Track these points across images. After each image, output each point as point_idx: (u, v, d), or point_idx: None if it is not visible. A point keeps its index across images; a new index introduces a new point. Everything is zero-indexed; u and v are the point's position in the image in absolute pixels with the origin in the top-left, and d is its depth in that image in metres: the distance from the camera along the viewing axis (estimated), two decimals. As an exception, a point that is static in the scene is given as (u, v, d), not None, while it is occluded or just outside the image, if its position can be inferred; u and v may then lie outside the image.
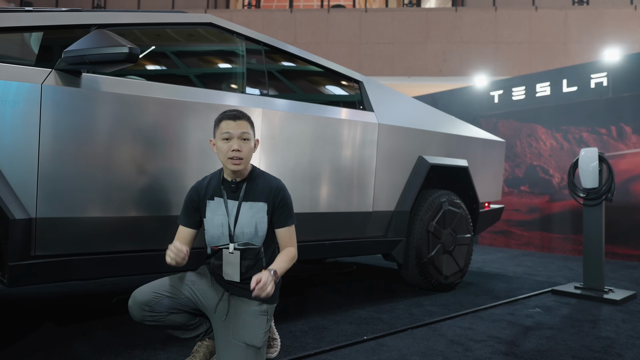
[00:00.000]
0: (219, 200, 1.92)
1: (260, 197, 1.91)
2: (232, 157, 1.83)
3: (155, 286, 1.84)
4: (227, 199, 1.91)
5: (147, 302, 1.80)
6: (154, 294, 1.81)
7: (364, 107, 3.21)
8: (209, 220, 1.92)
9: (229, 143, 1.84)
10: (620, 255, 5.56)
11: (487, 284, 4.02)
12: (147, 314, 1.81)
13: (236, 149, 1.83)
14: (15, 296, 3.10)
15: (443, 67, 12.20)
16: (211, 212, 1.91)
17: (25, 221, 1.83)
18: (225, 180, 1.94)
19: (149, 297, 1.80)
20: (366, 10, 12.62)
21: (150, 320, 1.82)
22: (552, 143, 6.39)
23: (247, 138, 1.87)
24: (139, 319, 1.82)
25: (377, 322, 2.75)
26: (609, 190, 3.57)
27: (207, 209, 1.92)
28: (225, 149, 1.84)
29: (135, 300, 1.80)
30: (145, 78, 2.26)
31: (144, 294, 1.81)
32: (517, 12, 12.13)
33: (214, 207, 1.91)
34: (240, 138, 1.85)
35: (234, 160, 1.83)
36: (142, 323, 1.83)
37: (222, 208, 1.91)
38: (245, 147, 1.85)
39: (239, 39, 2.68)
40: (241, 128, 1.86)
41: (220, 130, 1.87)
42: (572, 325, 2.80)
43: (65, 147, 1.94)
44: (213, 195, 1.93)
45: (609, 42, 11.22)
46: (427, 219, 3.44)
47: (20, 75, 1.86)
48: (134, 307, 1.81)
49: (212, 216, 1.91)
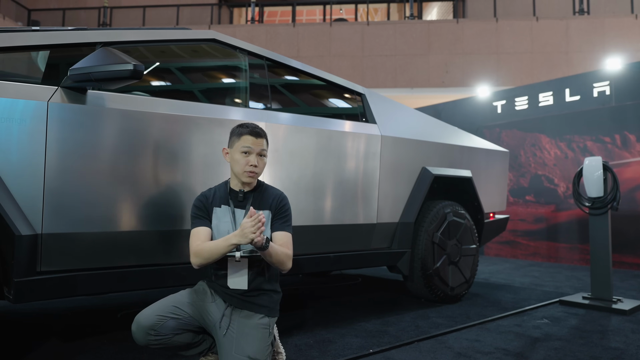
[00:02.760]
0: (225, 208, 1.95)
1: (265, 206, 1.96)
2: (249, 170, 1.90)
3: (158, 309, 1.83)
4: (234, 208, 1.94)
5: (152, 326, 1.78)
6: (159, 317, 1.80)
7: (366, 119, 3.22)
8: (214, 227, 1.94)
9: (248, 157, 1.91)
10: (628, 265, 5.50)
11: (494, 295, 3.99)
12: (153, 338, 1.79)
13: (254, 164, 1.91)
14: (21, 312, 3.10)
15: (445, 78, 12.25)
16: (217, 220, 1.94)
17: (31, 237, 1.84)
18: (232, 190, 1.98)
19: (153, 320, 1.79)
20: (368, 24, 12.74)
21: (155, 344, 1.81)
22: (556, 152, 6.38)
23: (264, 155, 1.96)
24: (144, 343, 1.80)
25: (383, 334, 2.73)
26: (615, 199, 3.55)
27: (214, 216, 1.95)
28: (243, 162, 1.91)
29: (140, 325, 1.78)
30: (150, 94, 2.29)
31: (148, 318, 1.79)
32: (518, 22, 12.20)
33: (221, 214, 1.94)
34: (258, 154, 1.93)
35: (250, 173, 1.91)
36: (147, 347, 1.82)
37: (228, 216, 1.93)
38: (261, 162, 1.95)
39: (242, 54, 2.71)
40: (261, 145, 1.94)
41: (241, 143, 1.92)
42: (581, 336, 2.77)
43: (71, 163, 1.96)
44: (220, 203, 1.96)
45: (610, 51, 11.24)
46: (432, 230, 3.44)
47: (27, 93, 1.89)
48: (138, 332, 1.79)
49: (218, 223, 1.93)
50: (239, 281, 1.89)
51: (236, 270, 1.89)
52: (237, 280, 1.89)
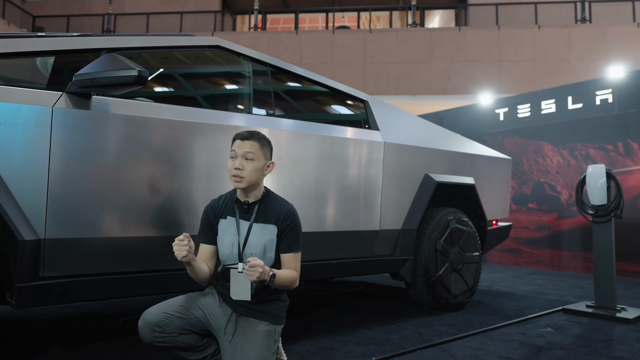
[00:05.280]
0: (231, 219, 1.94)
1: (271, 219, 1.93)
2: (234, 174, 1.88)
3: (166, 307, 1.84)
4: (239, 219, 1.94)
5: (158, 323, 1.79)
6: (165, 315, 1.81)
7: (369, 126, 3.23)
8: (220, 238, 1.94)
9: (233, 161, 1.90)
10: (632, 273, 5.47)
11: (497, 303, 3.97)
12: (158, 335, 1.80)
13: (237, 167, 1.87)
14: (23, 317, 3.09)
15: (447, 85, 12.28)
16: (222, 231, 1.94)
17: (34, 242, 1.84)
18: (238, 200, 1.97)
19: (159, 317, 1.80)
20: (370, 31, 12.80)
21: (160, 341, 1.82)
22: (559, 160, 6.37)
23: (251, 158, 1.89)
24: (149, 340, 1.81)
25: (386, 342, 2.72)
26: (618, 207, 3.53)
27: (219, 227, 1.95)
28: (229, 166, 1.91)
29: (146, 321, 1.80)
30: (154, 100, 2.30)
31: (154, 314, 1.81)
32: (521, 30, 12.25)
33: (226, 226, 1.94)
34: (243, 157, 1.89)
35: (235, 177, 1.88)
36: (152, 344, 1.83)
37: (233, 227, 1.93)
38: (247, 166, 1.88)
39: (246, 60, 2.72)
40: (245, 147, 1.90)
41: (231, 149, 1.94)
42: (585, 345, 2.75)
43: (74, 168, 1.97)
44: (226, 214, 1.96)
45: (612, 59, 11.27)
46: (435, 237, 3.42)
47: (32, 98, 1.90)
48: (144, 328, 1.80)
49: (223, 235, 1.93)
50: (241, 293, 1.85)
51: (239, 282, 1.85)
52: (240, 291, 1.85)
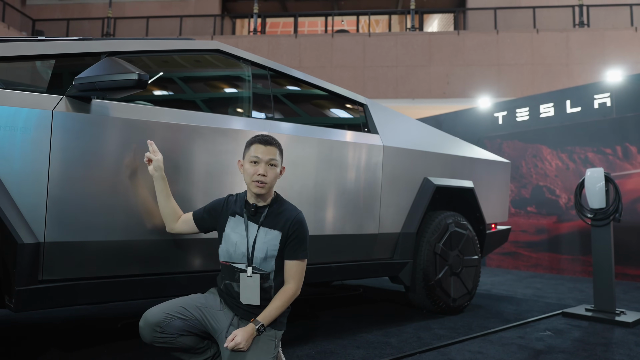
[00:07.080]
0: (239, 219, 1.96)
1: (277, 225, 1.94)
2: (257, 180, 1.89)
3: (167, 307, 1.85)
4: (247, 220, 1.95)
5: (159, 323, 1.80)
6: (166, 315, 1.82)
7: (368, 129, 3.23)
8: (226, 235, 1.96)
9: (256, 167, 1.90)
10: (631, 276, 5.47)
11: (496, 306, 3.96)
12: (158, 335, 1.81)
13: (262, 173, 1.89)
14: (22, 321, 3.08)
15: (446, 89, 12.31)
16: (230, 229, 1.96)
17: (33, 245, 1.84)
18: (247, 202, 1.98)
19: (160, 317, 1.81)
20: (369, 35, 12.84)
21: (160, 342, 1.82)
22: (557, 163, 6.39)
23: (274, 164, 1.93)
24: (150, 340, 1.82)
25: (385, 346, 2.71)
26: (617, 210, 3.54)
27: (227, 224, 1.97)
28: (251, 171, 1.90)
29: (147, 321, 1.81)
30: (154, 103, 2.30)
31: (155, 314, 1.82)
32: (519, 34, 12.29)
33: (234, 224, 1.96)
34: (267, 163, 1.91)
35: (258, 183, 1.89)
36: (152, 344, 1.83)
37: (241, 227, 1.94)
38: (270, 172, 1.91)
39: (245, 64, 2.73)
40: (270, 154, 1.92)
41: (250, 153, 1.94)
42: (584, 348, 2.75)
43: (74, 171, 1.97)
44: (235, 212, 1.97)
45: (610, 63, 11.31)
46: (434, 240, 3.43)
47: (32, 102, 1.90)
48: (145, 328, 1.81)
49: (230, 232, 1.95)
50: (251, 297, 1.90)
51: (248, 285, 1.90)
52: (249, 296, 1.90)
